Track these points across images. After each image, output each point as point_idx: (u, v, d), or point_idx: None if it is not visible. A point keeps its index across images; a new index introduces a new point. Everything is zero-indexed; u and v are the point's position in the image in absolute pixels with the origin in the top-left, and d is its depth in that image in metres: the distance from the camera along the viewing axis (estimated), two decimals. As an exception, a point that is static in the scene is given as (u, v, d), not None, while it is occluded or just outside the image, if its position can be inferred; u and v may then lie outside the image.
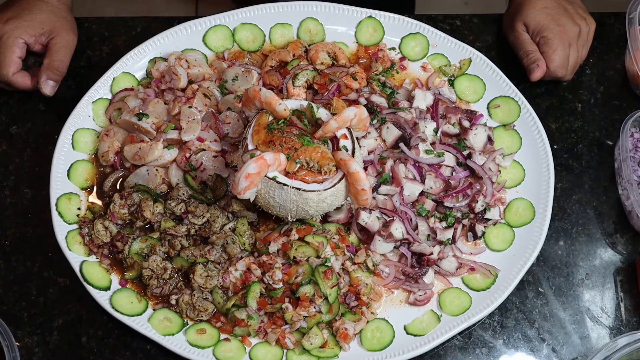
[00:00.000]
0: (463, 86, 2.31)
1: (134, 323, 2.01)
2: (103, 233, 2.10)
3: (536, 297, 2.13)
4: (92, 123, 2.24)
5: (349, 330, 2.01)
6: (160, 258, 2.06)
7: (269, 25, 2.36)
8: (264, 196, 2.00)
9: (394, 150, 2.20)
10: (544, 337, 2.09)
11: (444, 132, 2.25)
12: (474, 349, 2.08)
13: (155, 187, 2.16)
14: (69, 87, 2.34)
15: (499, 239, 2.15)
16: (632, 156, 2.21)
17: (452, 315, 2.06)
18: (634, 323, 2.11)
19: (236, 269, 2.05)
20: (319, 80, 2.27)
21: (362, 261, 2.08)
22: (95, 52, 2.39)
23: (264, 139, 2.01)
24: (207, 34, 2.34)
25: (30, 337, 2.06)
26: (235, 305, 2.02)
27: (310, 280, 2.02)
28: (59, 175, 2.16)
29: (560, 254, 2.18)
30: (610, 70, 2.41)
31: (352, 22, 2.37)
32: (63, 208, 2.12)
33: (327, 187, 1.99)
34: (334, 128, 2.03)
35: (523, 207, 2.17)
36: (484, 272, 2.10)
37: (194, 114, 2.19)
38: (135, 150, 2.17)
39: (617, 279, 2.16)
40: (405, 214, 2.11)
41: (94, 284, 2.04)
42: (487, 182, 2.17)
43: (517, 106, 2.27)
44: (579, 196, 2.25)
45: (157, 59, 2.30)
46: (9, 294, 2.10)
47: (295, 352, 2.01)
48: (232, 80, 2.28)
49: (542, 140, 2.23)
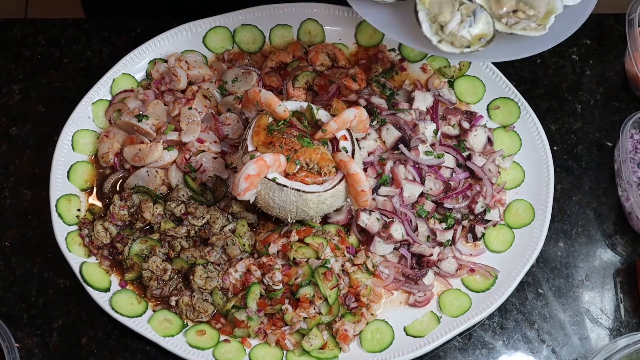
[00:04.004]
0: (463, 87, 2.31)
1: (133, 324, 2.01)
2: (103, 234, 2.10)
3: (536, 298, 2.13)
4: (92, 124, 2.24)
5: (348, 331, 2.01)
6: (160, 259, 2.06)
7: (269, 26, 2.36)
8: (264, 197, 2.00)
9: (393, 152, 2.20)
10: (544, 338, 2.10)
11: (443, 134, 2.25)
12: (473, 350, 2.08)
13: (155, 189, 2.16)
14: (69, 88, 2.34)
15: (498, 240, 2.15)
16: (632, 157, 2.21)
17: (451, 317, 2.06)
18: (634, 324, 2.11)
19: (236, 270, 2.05)
20: (319, 81, 2.27)
21: (362, 262, 2.08)
22: (95, 53, 2.39)
23: (264, 140, 2.01)
24: (207, 35, 2.34)
25: (30, 338, 2.06)
26: (235, 306, 2.02)
27: (310, 281, 2.02)
28: (59, 177, 2.16)
29: (560, 255, 2.19)
30: (610, 72, 2.41)
31: (351, 23, 2.37)
32: (63, 209, 2.12)
33: (327, 188, 1.99)
34: (334, 129, 2.03)
35: (523, 208, 2.17)
36: (483, 274, 2.10)
37: (194, 115, 2.19)
38: (135, 151, 2.17)
39: (616, 280, 2.16)
40: (405, 215, 2.11)
41: (94, 285, 2.04)
42: (486, 183, 2.17)
43: (516, 107, 2.27)
44: (578, 197, 2.25)
45: (157, 60, 2.30)
46: (9, 295, 2.10)
47: (295, 353, 2.01)
48: (232, 82, 2.28)
49: (541, 142, 2.23)
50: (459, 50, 1.77)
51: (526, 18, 1.80)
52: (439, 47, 1.76)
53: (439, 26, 1.78)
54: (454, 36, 1.77)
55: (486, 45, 1.77)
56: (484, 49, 1.77)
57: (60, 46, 2.40)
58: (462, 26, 1.77)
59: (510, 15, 1.81)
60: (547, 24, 1.78)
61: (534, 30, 1.78)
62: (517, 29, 1.79)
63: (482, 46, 1.77)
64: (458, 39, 1.77)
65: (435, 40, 1.76)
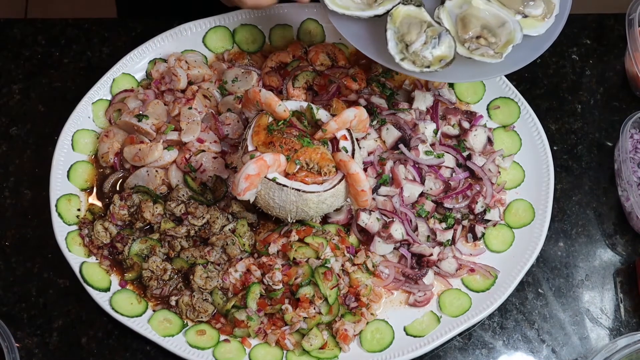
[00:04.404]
0: (463, 87, 2.31)
1: (133, 324, 2.01)
2: (103, 234, 2.10)
3: (536, 298, 2.13)
4: (92, 124, 2.24)
5: (348, 331, 2.01)
6: (160, 259, 2.06)
7: (268, 26, 2.36)
8: (264, 197, 2.00)
9: (393, 152, 2.20)
10: (544, 338, 2.10)
11: (443, 133, 2.25)
12: (473, 350, 2.08)
13: (155, 188, 2.16)
14: (69, 88, 2.34)
15: (498, 240, 2.15)
16: (632, 157, 2.21)
17: (451, 317, 2.06)
18: (634, 324, 2.11)
19: (236, 270, 2.05)
20: (319, 81, 2.27)
21: (362, 262, 2.08)
22: (95, 53, 2.39)
23: (264, 140, 2.01)
24: (207, 35, 2.34)
25: (30, 338, 2.06)
26: (235, 306, 2.02)
27: (310, 281, 2.02)
28: (59, 177, 2.16)
29: (560, 255, 2.19)
30: (610, 72, 2.41)
31: (351, 23, 2.37)
32: (63, 209, 2.12)
33: (327, 188, 1.99)
34: (334, 129, 2.03)
35: (523, 208, 2.17)
36: (483, 273, 2.10)
37: (194, 115, 2.19)
38: (135, 151, 2.17)
39: (616, 280, 2.16)
40: (405, 215, 2.11)
41: (94, 285, 2.04)
42: (486, 183, 2.17)
43: (516, 107, 2.27)
44: (578, 197, 2.25)
45: (157, 60, 2.30)
46: (9, 295, 2.10)
47: (295, 353, 2.01)
48: (232, 82, 2.28)
49: (541, 142, 2.23)
50: (419, 69, 1.90)
51: (487, 45, 1.93)
52: (401, 65, 1.90)
53: (404, 45, 1.91)
54: (417, 55, 1.90)
55: (445, 67, 1.90)
56: (442, 70, 1.90)
57: (60, 46, 2.40)
58: (426, 47, 1.91)
59: (473, 40, 1.94)
60: (504, 52, 1.92)
61: (491, 57, 1.91)
62: (476, 54, 1.92)
63: (442, 67, 1.90)
64: (420, 58, 1.90)
65: (397, 57, 1.90)
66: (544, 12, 1.97)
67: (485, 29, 1.95)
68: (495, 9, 1.97)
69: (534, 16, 1.97)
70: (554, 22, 1.97)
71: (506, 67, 1.94)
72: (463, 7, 1.98)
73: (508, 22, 1.94)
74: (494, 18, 1.96)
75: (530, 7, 1.97)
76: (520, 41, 1.92)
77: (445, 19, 1.97)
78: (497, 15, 1.97)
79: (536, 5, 1.97)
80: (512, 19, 1.95)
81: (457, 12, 1.98)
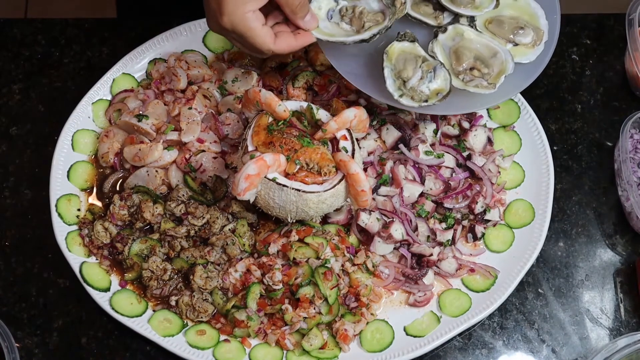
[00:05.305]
0: (463, 87, 2.32)
1: (133, 324, 2.01)
2: (103, 234, 2.10)
3: (536, 298, 2.13)
4: (92, 124, 2.24)
5: (348, 331, 2.01)
6: (160, 259, 2.06)
7: (268, 26, 2.36)
8: (264, 197, 2.00)
9: (393, 152, 2.20)
10: (544, 338, 2.10)
11: (443, 134, 2.25)
12: (473, 350, 2.08)
13: (155, 188, 2.16)
14: (69, 88, 2.34)
15: (498, 240, 2.15)
16: (632, 157, 2.21)
17: (451, 317, 2.06)
18: (634, 324, 2.11)
19: (236, 270, 2.05)
20: (319, 81, 2.27)
21: (362, 262, 2.08)
22: (95, 53, 2.39)
23: (264, 140, 2.01)
24: (207, 35, 2.34)
25: (30, 338, 2.06)
26: (235, 306, 2.02)
27: (310, 281, 2.02)
28: (59, 177, 2.16)
29: (560, 255, 2.19)
30: (610, 72, 2.41)
31: (351, 23, 2.37)
32: (63, 209, 2.12)
33: (327, 188, 1.99)
34: (334, 129, 2.03)
35: (523, 208, 2.17)
36: (483, 273, 2.10)
37: (194, 115, 2.19)
38: (135, 151, 2.17)
39: (616, 280, 2.16)
40: (405, 215, 2.11)
41: (94, 285, 2.04)
42: (486, 183, 2.17)
43: (516, 107, 2.27)
44: (578, 197, 2.25)
45: (157, 60, 2.30)
46: (9, 295, 2.10)
47: (295, 353, 2.01)
48: (232, 82, 2.28)
49: (541, 142, 2.23)
50: (418, 104, 1.94)
51: (480, 76, 1.98)
52: (400, 101, 1.94)
53: (402, 81, 1.95)
54: (414, 91, 1.95)
55: (442, 100, 1.94)
56: (439, 103, 1.95)
57: (60, 46, 2.40)
58: (423, 82, 1.96)
59: (467, 72, 1.99)
60: (497, 83, 1.97)
61: (485, 88, 1.97)
62: (471, 86, 1.97)
63: (439, 100, 1.95)
64: (417, 93, 1.95)
65: (397, 95, 1.94)
66: (533, 40, 2.03)
67: (478, 60, 2.00)
68: (486, 39, 2.02)
69: (524, 44, 2.03)
70: (544, 49, 2.03)
71: (500, 97, 2.00)
72: (455, 40, 2.02)
73: (500, 53, 1.99)
74: (486, 49, 2.01)
75: (520, 35, 2.03)
76: (512, 71, 1.98)
77: (439, 53, 2.00)
78: (489, 46, 2.01)
79: (525, 34, 2.03)
80: (503, 49, 2.00)
81: (450, 44, 2.02)
